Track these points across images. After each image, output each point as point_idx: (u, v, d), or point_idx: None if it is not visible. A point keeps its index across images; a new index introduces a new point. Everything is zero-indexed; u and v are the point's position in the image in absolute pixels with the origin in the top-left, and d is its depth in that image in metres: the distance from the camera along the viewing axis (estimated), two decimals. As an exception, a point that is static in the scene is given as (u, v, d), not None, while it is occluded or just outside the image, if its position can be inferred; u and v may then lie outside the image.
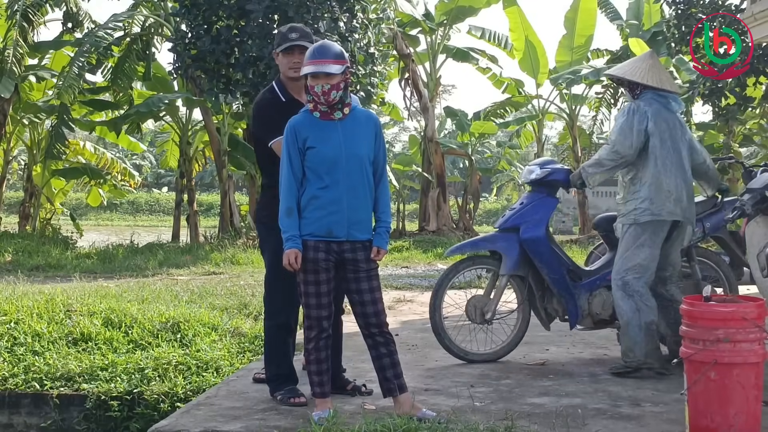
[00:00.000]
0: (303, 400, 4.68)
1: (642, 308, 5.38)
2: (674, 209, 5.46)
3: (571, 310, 5.79)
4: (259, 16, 14.67)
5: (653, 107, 5.54)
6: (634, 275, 5.39)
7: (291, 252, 4.28)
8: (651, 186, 5.45)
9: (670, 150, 5.52)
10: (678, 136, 5.59)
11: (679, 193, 5.49)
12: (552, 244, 5.87)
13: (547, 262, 5.77)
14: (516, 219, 5.82)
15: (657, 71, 5.62)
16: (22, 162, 25.35)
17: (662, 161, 5.49)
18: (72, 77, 16.64)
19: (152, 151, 45.33)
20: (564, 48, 21.66)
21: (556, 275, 5.78)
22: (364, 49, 15.92)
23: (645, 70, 5.58)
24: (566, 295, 5.79)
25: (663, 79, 5.62)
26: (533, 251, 5.76)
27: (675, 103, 5.69)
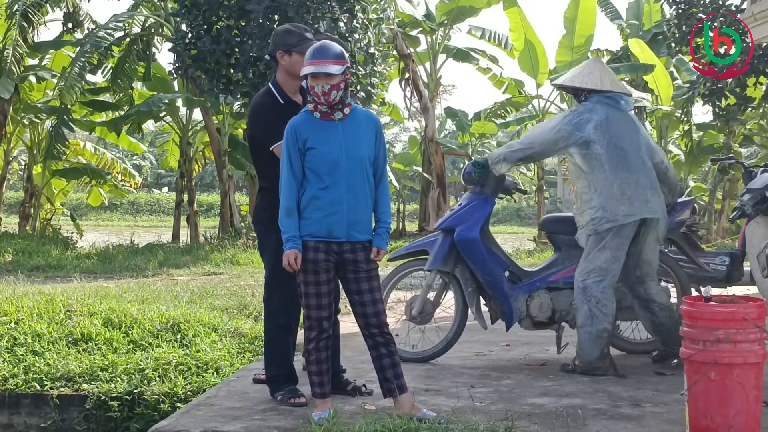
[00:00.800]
0: (303, 401, 4.68)
1: (596, 315, 5.39)
2: (630, 210, 5.38)
3: (507, 311, 5.85)
4: (259, 16, 14.67)
5: (599, 110, 5.51)
6: (594, 279, 5.39)
7: (291, 252, 4.28)
8: (602, 193, 5.40)
9: (620, 150, 5.45)
10: (630, 134, 5.55)
11: (634, 191, 5.40)
12: (490, 244, 5.92)
13: (480, 263, 5.83)
14: (452, 221, 5.90)
15: (598, 74, 5.61)
16: (22, 162, 25.38)
17: (610, 165, 5.42)
18: (72, 77, 16.65)
19: (152, 151, 45.33)
20: (564, 48, 21.65)
21: (489, 277, 5.84)
22: (364, 50, 15.91)
23: (585, 75, 5.64)
24: (500, 297, 5.85)
25: (604, 80, 5.59)
26: (466, 252, 5.82)
27: (624, 103, 5.65)
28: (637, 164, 5.48)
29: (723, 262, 8.20)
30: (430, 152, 22.38)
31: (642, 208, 5.40)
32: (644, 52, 18.60)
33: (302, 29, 4.93)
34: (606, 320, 5.40)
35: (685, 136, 20.49)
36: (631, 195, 5.39)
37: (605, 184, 5.40)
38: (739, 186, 17.16)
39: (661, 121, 20.50)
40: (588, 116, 5.51)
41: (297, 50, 4.80)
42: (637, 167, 5.47)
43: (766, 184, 7.03)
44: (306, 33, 4.88)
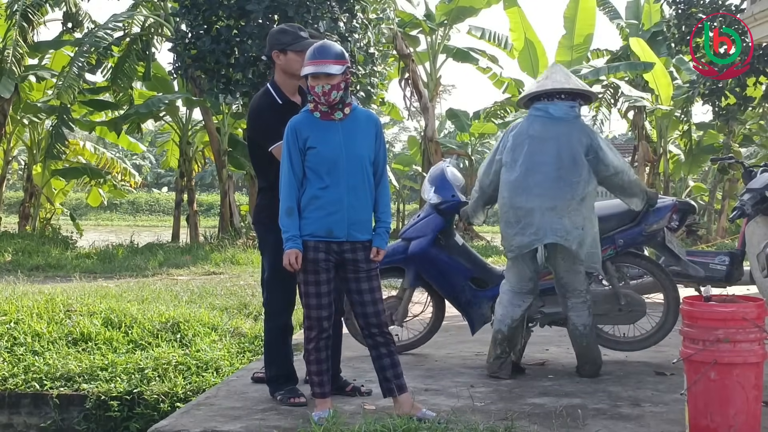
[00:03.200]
0: (303, 400, 4.68)
1: (496, 315, 5.45)
2: (522, 241, 5.16)
3: (468, 319, 6.00)
4: (259, 16, 14.67)
5: (520, 127, 5.34)
6: (504, 282, 5.47)
7: (291, 252, 4.28)
8: (501, 220, 5.30)
9: (525, 172, 5.18)
10: (547, 150, 5.18)
11: (528, 219, 5.13)
12: (453, 253, 5.99)
13: (435, 276, 5.97)
14: (411, 232, 6.03)
15: (541, 79, 5.44)
16: (22, 162, 25.35)
17: (510, 190, 5.22)
18: (72, 77, 16.65)
19: (152, 151, 45.34)
20: (564, 48, 21.66)
21: (445, 288, 6.00)
22: (364, 49, 15.91)
23: (533, 86, 5.50)
24: (459, 306, 6.02)
25: (543, 83, 5.36)
26: (419, 266, 5.96)
27: (555, 108, 5.29)
28: (543, 186, 5.12)
29: (723, 262, 8.22)
30: (430, 152, 22.38)
31: (535, 237, 5.12)
32: (644, 51, 18.61)
33: (297, 28, 4.93)
34: (500, 324, 5.38)
35: (685, 136, 20.51)
36: (525, 223, 5.14)
37: (503, 210, 5.28)
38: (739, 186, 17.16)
39: (661, 120, 20.51)
40: (508, 137, 5.37)
41: (291, 49, 4.79)
42: (541, 190, 5.12)
43: (766, 184, 7.03)
44: (301, 32, 4.88)
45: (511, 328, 5.38)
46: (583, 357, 5.44)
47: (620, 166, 5.29)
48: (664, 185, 20.73)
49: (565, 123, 5.26)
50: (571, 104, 5.33)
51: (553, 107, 5.29)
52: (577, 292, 5.31)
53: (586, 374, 5.40)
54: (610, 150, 5.30)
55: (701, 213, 21.50)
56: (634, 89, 19.82)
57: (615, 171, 5.26)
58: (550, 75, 5.41)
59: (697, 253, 9.22)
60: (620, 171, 5.28)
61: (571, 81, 5.39)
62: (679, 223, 9.08)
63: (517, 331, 5.42)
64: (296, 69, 4.73)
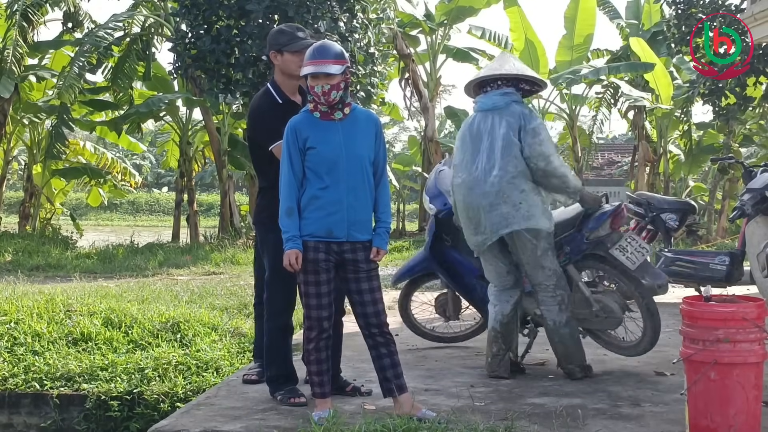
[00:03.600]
0: (303, 400, 4.68)
1: (489, 314, 5.48)
2: (477, 238, 5.20)
3: (483, 315, 6.12)
4: (259, 16, 14.67)
5: (462, 125, 5.40)
6: (490, 283, 5.51)
7: (291, 252, 4.28)
8: (461, 222, 5.38)
9: (464, 169, 5.20)
10: (473, 146, 5.19)
11: (474, 216, 5.15)
12: (459, 254, 6.07)
13: (448, 275, 6.21)
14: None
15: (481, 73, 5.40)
16: (22, 162, 25.36)
17: (457, 191, 5.25)
18: (72, 77, 16.66)
19: (152, 151, 45.32)
20: (564, 48, 21.65)
21: (458, 286, 6.21)
22: (364, 49, 15.91)
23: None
24: (474, 303, 6.18)
25: (481, 72, 5.34)
26: (435, 269, 6.24)
27: (480, 103, 5.26)
28: (482, 183, 5.10)
29: (723, 262, 8.22)
30: (430, 152, 22.38)
31: (485, 235, 5.14)
32: (645, 51, 18.61)
33: (294, 28, 4.95)
34: (494, 321, 5.39)
35: (685, 136, 20.50)
36: (476, 222, 5.17)
37: (458, 213, 5.35)
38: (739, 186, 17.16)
39: (661, 120, 20.50)
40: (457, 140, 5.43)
41: (288, 49, 4.81)
42: (482, 188, 5.10)
43: (766, 184, 7.03)
44: (298, 32, 4.90)
45: (503, 324, 5.36)
46: (558, 354, 5.39)
47: (545, 152, 5.06)
48: (664, 185, 20.73)
49: (497, 112, 5.17)
50: (504, 91, 5.23)
51: (483, 99, 5.28)
52: (543, 286, 5.23)
53: (568, 373, 5.33)
54: (539, 136, 5.09)
55: (701, 213, 21.50)
56: (634, 89, 19.81)
57: (535, 165, 5.06)
58: (487, 65, 5.43)
59: (697, 253, 9.23)
60: (546, 165, 5.06)
61: (506, 67, 5.27)
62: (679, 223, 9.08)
63: (510, 327, 5.37)
64: (293, 69, 4.75)
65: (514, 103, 5.21)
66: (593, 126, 25.57)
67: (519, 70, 5.29)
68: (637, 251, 5.38)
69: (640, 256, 5.38)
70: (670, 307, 8.42)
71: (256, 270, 5.33)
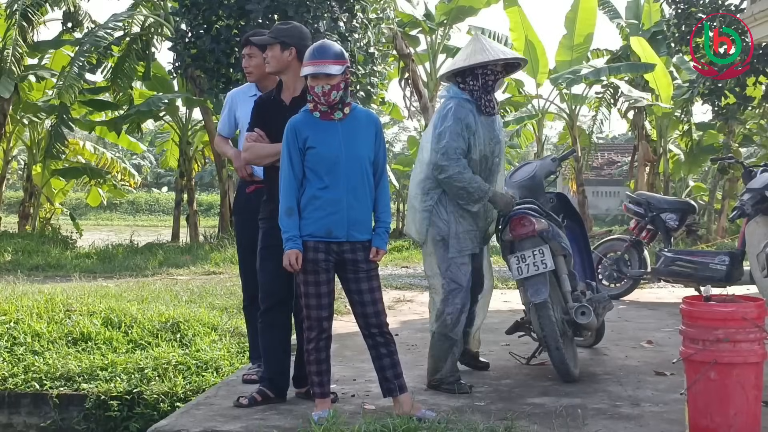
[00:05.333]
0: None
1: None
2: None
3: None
4: (259, 16, 14.66)
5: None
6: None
7: (291, 252, 4.27)
8: None
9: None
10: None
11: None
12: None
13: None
14: None
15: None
16: (21, 162, 25.35)
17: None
18: (72, 77, 16.64)
19: (152, 151, 45.30)
20: (564, 48, 21.65)
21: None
22: (364, 49, 15.91)
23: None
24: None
25: (457, 61, 5.23)
26: None
27: (446, 96, 5.22)
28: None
29: (723, 262, 8.22)
30: (430, 152, 22.35)
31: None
32: (645, 51, 18.60)
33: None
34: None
35: (685, 136, 20.49)
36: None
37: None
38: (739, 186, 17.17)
39: (661, 120, 20.50)
40: None
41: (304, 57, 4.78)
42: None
43: (766, 184, 7.04)
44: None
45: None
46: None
47: (431, 159, 5.03)
48: (664, 185, 20.72)
49: (439, 112, 5.15)
50: (447, 86, 5.25)
51: (445, 93, 5.27)
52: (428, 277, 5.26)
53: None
54: (435, 140, 5.01)
55: (701, 213, 21.49)
56: (634, 89, 19.81)
57: (430, 161, 5.05)
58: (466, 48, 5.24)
59: (697, 253, 9.23)
60: (432, 164, 5.02)
61: (458, 60, 5.17)
62: (679, 223, 9.07)
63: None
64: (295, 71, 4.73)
65: (446, 102, 5.17)
66: (593, 126, 25.58)
67: (473, 61, 5.11)
68: (533, 264, 5.22)
69: (533, 270, 5.22)
70: (670, 306, 8.43)
71: (243, 272, 5.37)
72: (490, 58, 5.08)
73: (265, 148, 4.67)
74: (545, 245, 5.20)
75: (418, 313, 8.46)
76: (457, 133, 4.96)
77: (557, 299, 5.38)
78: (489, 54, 5.09)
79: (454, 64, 5.19)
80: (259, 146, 4.68)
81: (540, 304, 5.17)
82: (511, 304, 8.78)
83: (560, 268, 5.36)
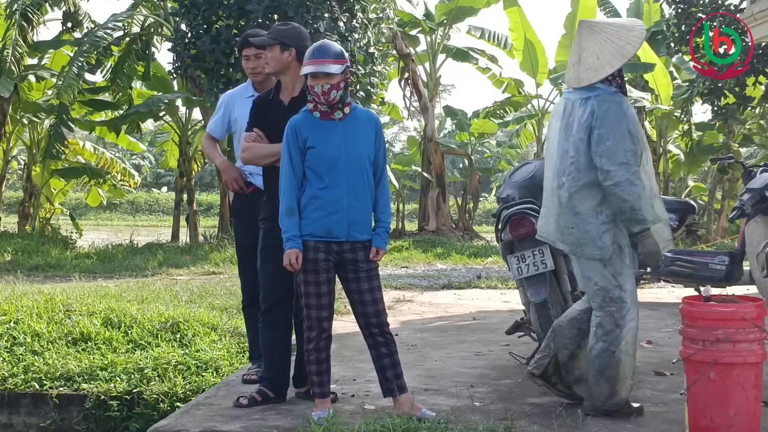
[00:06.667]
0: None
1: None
2: None
3: None
4: (259, 16, 14.67)
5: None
6: None
7: (292, 252, 4.27)
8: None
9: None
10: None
11: None
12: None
13: None
14: None
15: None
16: (21, 162, 25.35)
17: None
18: (71, 77, 16.64)
19: (152, 151, 45.32)
20: (564, 48, 21.65)
21: None
22: (364, 49, 15.91)
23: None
24: None
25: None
26: None
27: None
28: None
29: (723, 262, 8.22)
30: (430, 152, 22.39)
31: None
32: (645, 51, 18.61)
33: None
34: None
35: (685, 136, 20.50)
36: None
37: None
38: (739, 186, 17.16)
39: (661, 120, 20.51)
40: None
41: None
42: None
43: (766, 184, 7.04)
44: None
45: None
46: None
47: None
48: (664, 185, 20.73)
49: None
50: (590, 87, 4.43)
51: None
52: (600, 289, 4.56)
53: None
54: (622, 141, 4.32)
55: (701, 213, 21.49)
56: (634, 89, 19.82)
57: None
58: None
59: (697, 253, 9.23)
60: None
61: (623, 50, 4.35)
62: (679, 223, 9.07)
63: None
64: (295, 72, 4.72)
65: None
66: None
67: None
68: (533, 264, 5.22)
69: (533, 270, 5.21)
70: (669, 307, 8.43)
71: (242, 273, 5.37)
72: (640, 40, 4.40)
73: (264, 148, 4.67)
74: (545, 245, 5.19)
75: (418, 313, 8.46)
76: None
77: (557, 299, 5.37)
78: (635, 37, 4.39)
79: (623, 57, 4.32)
80: (258, 146, 4.68)
81: (540, 304, 5.16)
82: (511, 304, 8.79)
83: (560, 268, 5.36)
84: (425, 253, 16.77)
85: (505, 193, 5.79)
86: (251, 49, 5.20)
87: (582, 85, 4.35)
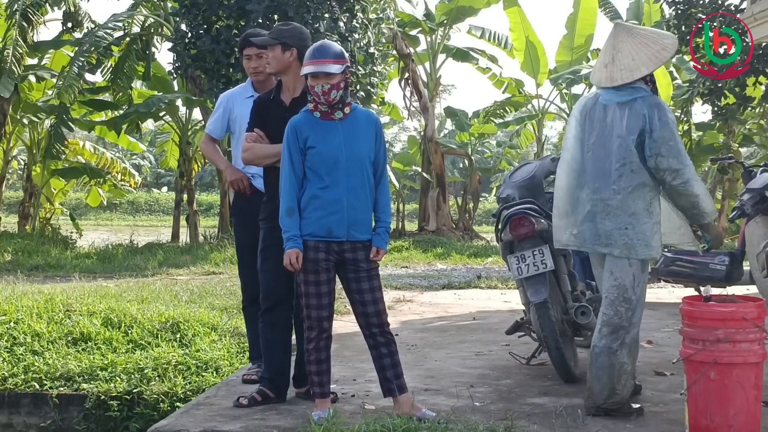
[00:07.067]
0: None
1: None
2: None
3: None
4: (259, 16, 14.67)
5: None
6: None
7: (292, 252, 4.27)
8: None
9: None
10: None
11: None
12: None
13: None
14: None
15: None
16: (21, 162, 25.36)
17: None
18: (72, 77, 16.65)
19: (152, 151, 45.32)
20: (564, 48, 21.68)
21: None
22: (364, 49, 15.92)
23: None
24: None
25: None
26: None
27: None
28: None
29: (723, 262, 8.21)
30: (430, 152, 22.39)
31: None
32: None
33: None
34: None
35: (685, 136, 20.47)
36: None
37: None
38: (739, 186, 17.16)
39: (661, 120, 20.49)
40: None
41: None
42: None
43: (766, 184, 7.03)
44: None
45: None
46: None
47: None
48: (664, 185, 20.73)
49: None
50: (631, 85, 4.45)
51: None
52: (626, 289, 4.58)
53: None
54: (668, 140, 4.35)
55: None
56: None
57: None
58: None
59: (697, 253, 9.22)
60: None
61: (661, 52, 4.40)
62: (679, 223, 9.05)
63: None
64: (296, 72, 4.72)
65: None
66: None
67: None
68: (533, 264, 5.20)
69: (533, 270, 5.19)
70: (669, 307, 8.43)
71: (242, 273, 5.37)
72: (674, 47, 4.45)
73: (265, 148, 4.67)
74: (545, 245, 5.19)
75: (418, 313, 8.46)
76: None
77: (557, 299, 5.38)
78: (670, 44, 4.45)
79: (658, 60, 4.37)
80: (259, 147, 4.68)
81: (540, 304, 5.17)
82: (511, 304, 8.79)
83: (560, 268, 5.35)
84: (425, 253, 16.77)
85: (505, 193, 5.78)
86: (252, 48, 5.19)
87: (615, 84, 4.38)
